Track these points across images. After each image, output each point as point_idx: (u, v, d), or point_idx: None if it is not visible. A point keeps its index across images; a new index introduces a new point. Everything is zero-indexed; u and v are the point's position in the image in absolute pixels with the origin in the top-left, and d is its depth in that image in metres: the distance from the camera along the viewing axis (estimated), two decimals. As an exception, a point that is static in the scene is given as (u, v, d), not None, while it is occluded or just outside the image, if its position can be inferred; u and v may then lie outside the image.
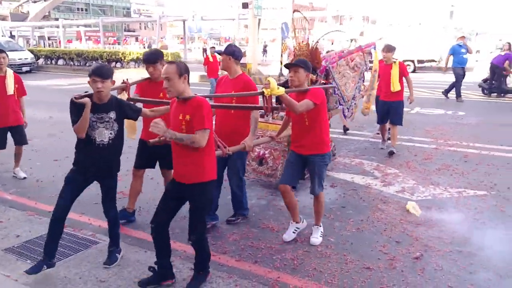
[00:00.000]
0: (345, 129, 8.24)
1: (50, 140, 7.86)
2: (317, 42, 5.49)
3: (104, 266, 3.46)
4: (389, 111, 6.78)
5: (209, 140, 2.97)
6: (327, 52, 7.71)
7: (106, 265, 3.46)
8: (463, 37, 13.16)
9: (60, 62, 25.71)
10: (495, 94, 12.93)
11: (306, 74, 3.75)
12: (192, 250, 3.27)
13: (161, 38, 49.89)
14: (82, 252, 3.71)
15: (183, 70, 2.93)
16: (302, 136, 3.81)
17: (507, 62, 12.37)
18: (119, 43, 51.49)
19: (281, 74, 16.54)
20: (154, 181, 5.58)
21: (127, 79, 4.11)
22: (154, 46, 36.48)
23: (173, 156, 3.10)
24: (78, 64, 24.42)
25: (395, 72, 6.57)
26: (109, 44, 51.68)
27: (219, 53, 4.17)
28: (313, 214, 4.05)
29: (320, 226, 4.04)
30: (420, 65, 23.08)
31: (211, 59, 13.64)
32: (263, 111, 3.74)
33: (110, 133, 3.29)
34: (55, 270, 3.37)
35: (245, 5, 17.80)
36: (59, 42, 41.49)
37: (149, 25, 66.27)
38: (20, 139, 5.74)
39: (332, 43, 22.01)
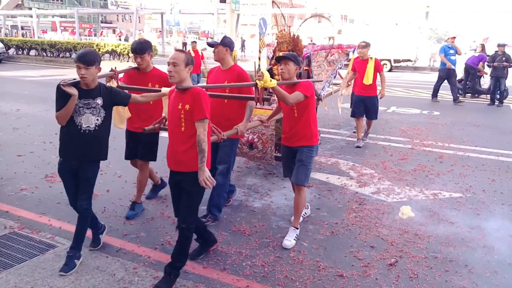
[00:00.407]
0: None
1: (14, 134, 7.47)
2: (301, 24, 5.81)
3: (60, 273, 3.21)
4: (365, 106, 7.15)
5: (207, 130, 3.06)
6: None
7: (63, 272, 3.21)
8: (453, 37, 12.59)
9: (32, 53, 24.87)
10: (469, 94, 13.06)
11: (295, 68, 3.81)
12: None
13: (139, 31, 49.06)
14: (37, 257, 3.45)
15: (189, 61, 3.04)
16: (291, 127, 3.89)
17: (481, 63, 12.50)
18: (95, 35, 50.32)
19: (258, 70, 16.30)
20: (122, 179, 5.33)
21: (115, 67, 4.11)
22: (131, 39, 35.75)
23: (170, 144, 3.14)
24: (51, 55, 23.64)
25: (370, 66, 6.97)
26: (85, 35, 50.53)
27: (213, 44, 4.14)
28: (288, 215, 3.91)
29: (297, 229, 3.95)
30: (396, 64, 23.28)
31: (192, 54, 13.27)
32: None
33: (97, 119, 3.27)
34: (4, 278, 3.10)
35: (222, 0, 17.51)
36: (33, 32, 40.27)
37: (126, 17, 65.13)
38: None
39: (311, 40, 21.91)
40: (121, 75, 4.19)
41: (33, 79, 15.92)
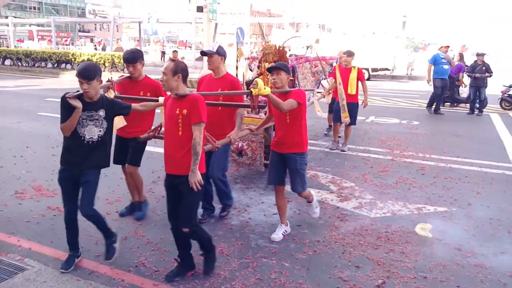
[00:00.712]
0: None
1: (-21, 148, 7.08)
2: (284, 42, 6.00)
3: (106, 260, 3.48)
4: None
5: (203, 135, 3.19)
6: (289, 55, 8.07)
7: (108, 259, 3.49)
8: (447, 46, 12.00)
9: (8, 62, 24.13)
10: (448, 103, 13.14)
11: (287, 76, 3.95)
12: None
13: (117, 39, 48.44)
14: (5, 281, 3.19)
15: (178, 70, 3.16)
16: (283, 134, 4.01)
17: (460, 74, 12.58)
18: (72, 44, 49.49)
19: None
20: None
21: (111, 77, 4.16)
22: (109, 48, 35.21)
23: (167, 149, 3.28)
24: (26, 64, 22.96)
25: (353, 76, 7.19)
26: (63, 44, 49.66)
27: (209, 53, 4.24)
28: (268, 233, 3.73)
29: (286, 225, 4.23)
30: (374, 73, 23.47)
31: None
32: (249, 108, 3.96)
33: (99, 131, 3.36)
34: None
35: (199, 9, 17.35)
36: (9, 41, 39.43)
37: (104, 26, 64.36)
38: None
39: (289, 50, 21.90)
40: None
41: (7, 89, 15.40)
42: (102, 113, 3.35)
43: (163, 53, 40.17)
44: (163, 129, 3.69)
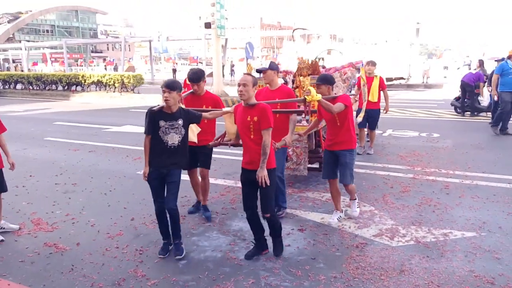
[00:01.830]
0: None
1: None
2: (316, 57, 6.92)
3: (176, 258, 4.06)
4: (368, 118, 7.85)
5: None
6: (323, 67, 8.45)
7: (178, 256, 4.08)
8: None
9: (19, 86, 24.38)
10: (469, 113, 12.62)
11: (327, 87, 4.62)
12: None
13: (129, 59, 48.96)
14: None
15: (255, 82, 3.92)
16: (335, 135, 4.74)
17: (480, 84, 12.08)
18: (84, 65, 50.17)
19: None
20: (95, 229, 4.70)
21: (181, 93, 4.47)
22: (120, 68, 35.51)
23: (244, 149, 3.99)
24: (37, 88, 23.11)
25: (375, 84, 7.78)
26: (76, 65, 50.40)
27: (262, 70, 4.90)
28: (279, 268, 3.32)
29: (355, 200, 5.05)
30: (389, 83, 22.95)
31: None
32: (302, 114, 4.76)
33: (179, 137, 4.06)
34: None
35: (207, 25, 17.19)
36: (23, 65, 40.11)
37: (116, 46, 65.21)
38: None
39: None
40: None
41: (16, 114, 15.39)
42: (180, 122, 4.05)
43: (174, 70, 40.34)
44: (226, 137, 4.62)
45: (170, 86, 3.94)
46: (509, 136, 9.64)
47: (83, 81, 20.71)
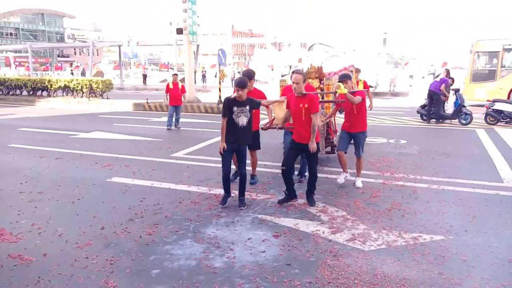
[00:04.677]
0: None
1: None
2: (322, 63, 8.11)
3: (240, 208, 5.49)
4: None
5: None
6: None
7: (242, 207, 5.50)
8: None
9: (-19, 91, 23.43)
10: (434, 120, 13.01)
11: (351, 82, 6.28)
12: None
13: (96, 63, 47.98)
14: None
15: (305, 78, 5.66)
16: (353, 120, 6.32)
17: (443, 85, 12.52)
18: (50, 69, 48.84)
19: (219, 102, 15.98)
20: (63, 239, 4.55)
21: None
22: (88, 72, 34.74)
23: (296, 128, 5.51)
24: (0, 93, 22.32)
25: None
26: (42, 70, 49.00)
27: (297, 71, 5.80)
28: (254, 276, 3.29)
29: (360, 177, 6.56)
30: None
31: (171, 86, 12.46)
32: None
33: (247, 119, 5.45)
34: None
35: (179, 31, 17.07)
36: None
37: (84, 50, 63.86)
38: None
39: (272, 69, 21.79)
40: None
41: (-23, 120, 14.78)
42: (248, 107, 5.44)
43: (145, 76, 39.81)
44: (275, 121, 6.54)
45: (241, 85, 5.31)
46: (473, 143, 9.98)
47: (49, 86, 20.16)
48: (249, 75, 6.16)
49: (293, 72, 5.96)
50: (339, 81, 6.11)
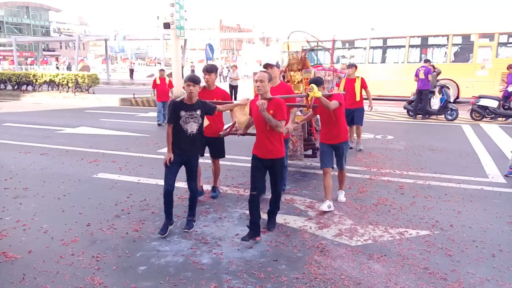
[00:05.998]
0: None
1: None
2: (306, 54, 7.03)
3: (184, 230, 4.62)
4: (353, 116, 8.53)
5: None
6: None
7: (186, 230, 4.61)
8: None
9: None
10: (420, 116, 13.12)
11: (322, 88, 5.16)
12: None
13: (83, 58, 47.38)
14: None
15: (270, 78, 4.43)
16: (331, 129, 5.32)
17: (429, 76, 12.59)
18: (36, 64, 48.14)
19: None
20: (48, 236, 4.51)
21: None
22: (74, 67, 34.30)
23: (258, 139, 4.42)
24: (-16, 87, 21.96)
25: (357, 85, 8.51)
26: (27, 64, 48.30)
27: (270, 65, 5.40)
28: (241, 272, 3.29)
29: (343, 191, 5.71)
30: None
31: (158, 82, 12.31)
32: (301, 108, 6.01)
33: (197, 126, 4.55)
34: None
35: (166, 26, 16.92)
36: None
37: (70, 44, 63.00)
38: None
39: (260, 64, 21.78)
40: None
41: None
42: (199, 112, 4.53)
43: (132, 70, 39.44)
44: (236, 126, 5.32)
45: (194, 80, 4.45)
46: (459, 138, 10.11)
47: (34, 81, 19.88)
48: (210, 69, 5.46)
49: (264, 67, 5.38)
50: (310, 83, 5.10)
